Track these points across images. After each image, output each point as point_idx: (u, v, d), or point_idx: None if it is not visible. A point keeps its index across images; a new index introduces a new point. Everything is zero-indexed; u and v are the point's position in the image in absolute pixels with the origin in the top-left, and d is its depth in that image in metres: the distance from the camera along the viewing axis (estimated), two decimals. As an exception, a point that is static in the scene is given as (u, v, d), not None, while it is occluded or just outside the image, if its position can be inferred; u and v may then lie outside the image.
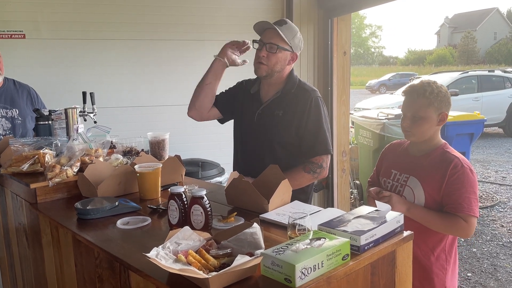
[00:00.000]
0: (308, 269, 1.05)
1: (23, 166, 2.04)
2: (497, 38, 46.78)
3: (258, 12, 4.28)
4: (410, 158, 1.98)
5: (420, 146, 1.96)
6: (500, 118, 11.33)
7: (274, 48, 2.07)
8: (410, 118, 1.90)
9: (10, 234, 2.39)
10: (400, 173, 1.97)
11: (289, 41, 2.07)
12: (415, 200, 1.89)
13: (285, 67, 2.13)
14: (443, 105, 1.88)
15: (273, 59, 2.09)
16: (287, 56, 2.11)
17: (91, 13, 3.83)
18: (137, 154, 2.29)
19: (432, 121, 1.88)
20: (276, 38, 2.06)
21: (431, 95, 1.85)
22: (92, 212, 1.68)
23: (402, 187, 1.95)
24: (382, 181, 2.07)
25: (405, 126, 1.93)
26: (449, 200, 1.82)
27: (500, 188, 6.60)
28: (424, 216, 1.84)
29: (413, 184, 1.91)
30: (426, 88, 1.87)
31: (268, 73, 2.12)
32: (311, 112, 2.09)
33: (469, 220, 1.79)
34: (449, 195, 1.82)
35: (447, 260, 1.92)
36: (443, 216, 1.82)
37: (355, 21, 49.70)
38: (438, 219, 1.83)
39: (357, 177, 5.66)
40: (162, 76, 4.12)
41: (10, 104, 3.06)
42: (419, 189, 1.88)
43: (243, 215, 1.61)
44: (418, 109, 1.87)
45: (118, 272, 1.38)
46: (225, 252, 1.18)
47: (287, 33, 2.07)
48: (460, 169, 1.81)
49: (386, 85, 26.86)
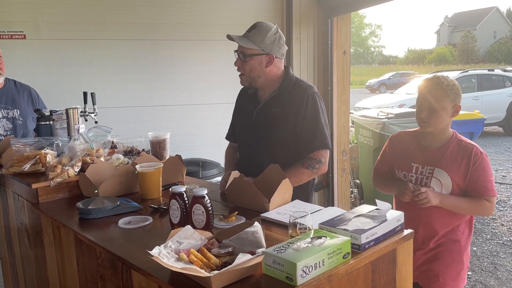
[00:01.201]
0: (309, 267, 1.06)
1: (24, 166, 2.05)
2: (497, 37, 46.76)
3: (258, 12, 4.28)
4: (428, 150, 2.08)
5: (435, 138, 2.07)
6: (500, 117, 11.33)
7: (243, 57, 2.08)
8: (427, 109, 2.00)
9: (12, 234, 2.40)
10: (423, 166, 2.07)
11: (258, 45, 2.05)
12: (442, 190, 2.03)
13: (263, 70, 2.10)
14: (457, 97, 2.00)
15: (246, 67, 2.09)
16: (261, 60, 2.08)
17: (91, 14, 3.83)
18: (138, 154, 2.29)
19: (447, 112, 2.00)
20: (242, 47, 2.08)
21: (448, 87, 1.98)
22: (93, 212, 1.69)
23: (428, 179, 2.05)
24: (401, 174, 2.15)
25: (422, 117, 2.02)
26: (474, 185, 1.99)
27: (500, 187, 6.60)
28: (455, 204, 2.01)
29: (440, 175, 2.02)
30: (443, 80, 2.00)
31: (249, 81, 2.13)
32: (308, 107, 2.08)
33: (492, 200, 2.00)
34: (474, 181, 1.98)
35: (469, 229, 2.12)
36: (471, 200, 2.00)
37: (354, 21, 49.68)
38: (467, 204, 2.01)
39: (357, 177, 5.66)
40: (162, 76, 4.13)
41: (11, 105, 3.07)
42: (447, 179, 2.01)
43: (244, 214, 1.62)
44: (436, 100, 1.98)
45: (120, 271, 1.39)
46: (226, 251, 1.19)
47: (255, 38, 2.05)
48: (480, 156, 1.99)
49: (386, 84, 26.83)
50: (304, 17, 4.36)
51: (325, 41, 4.39)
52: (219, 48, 4.14)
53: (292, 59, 4.32)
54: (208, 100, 4.27)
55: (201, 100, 4.26)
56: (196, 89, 4.24)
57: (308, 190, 2.20)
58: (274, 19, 2.17)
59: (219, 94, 4.24)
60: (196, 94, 4.24)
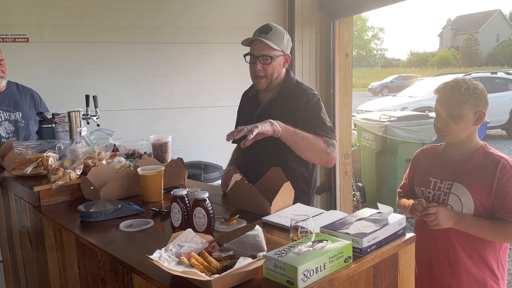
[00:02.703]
0: (311, 271, 1.06)
1: (26, 169, 2.05)
2: (500, 40, 46.69)
3: (260, 15, 4.29)
4: (449, 163, 1.82)
5: (458, 149, 1.81)
6: (503, 120, 11.31)
7: (268, 60, 2.06)
8: (444, 117, 1.77)
9: (13, 237, 2.40)
10: (441, 181, 1.81)
11: (279, 46, 2.06)
12: (463, 209, 1.74)
13: (281, 70, 2.13)
14: (479, 102, 1.74)
15: (269, 70, 2.08)
16: (281, 61, 2.11)
17: (94, 17, 3.84)
18: (139, 156, 2.29)
19: (468, 119, 1.74)
20: (267, 49, 2.05)
21: (467, 92, 1.73)
22: (95, 215, 1.69)
23: (446, 195, 1.78)
24: (419, 191, 1.91)
25: (438, 126, 1.80)
26: (501, 205, 1.67)
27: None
28: (474, 226, 1.71)
29: (459, 191, 1.75)
30: (461, 84, 1.75)
31: (268, 83, 2.12)
32: (309, 105, 2.06)
33: None
34: (501, 199, 1.67)
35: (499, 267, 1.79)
36: (494, 223, 1.69)
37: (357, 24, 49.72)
38: (489, 228, 1.69)
39: (359, 180, 5.66)
40: (164, 79, 4.14)
41: (14, 108, 3.08)
42: (467, 195, 1.73)
43: (246, 217, 1.61)
44: (453, 107, 1.74)
45: (121, 274, 1.39)
46: (227, 255, 1.19)
47: (275, 39, 2.06)
48: (509, 170, 1.68)
49: (388, 87, 26.83)
50: (306, 20, 4.37)
51: (327, 44, 4.39)
52: (221, 51, 4.15)
53: (294, 62, 4.33)
54: (210, 103, 4.27)
55: (203, 103, 4.27)
56: (198, 92, 4.25)
57: (309, 194, 2.20)
58: (276, 22, 2.17)
59: (221, 97, 4.25)
60: (198, 97, 4.25)
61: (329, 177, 4.53)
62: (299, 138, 1.94)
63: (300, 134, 1.94)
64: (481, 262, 1.77)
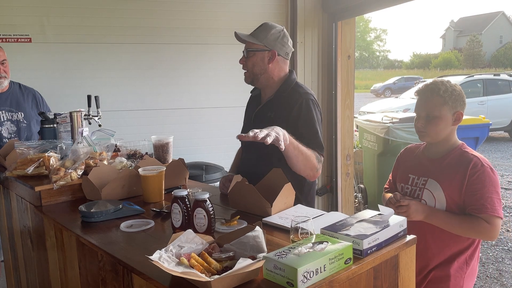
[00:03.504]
0: (310, 272, 1.05)
1: (28, 169, 2.06)
2: (503, 42, 46.63)
3: (263, 16, 4.28)
4: (427, 161, 1.92)
5: (437, 148, 1.90)
6: (505, 122, 11.28)
7: (248, 53, 2.09)
8: (424, 118, 1.85)
9: (14, 237, 2.40)
10: (418, 177, 1.91)
11: (261, 40, 2.06)
12: (436, 203, 1.83)
13: (266, 67, 2.08)
14: (458, 104, 1.83)
15: (249, 63, 2.10)
16: (263, 56, 2.08)
17: (96, 17, 3.85)
18: (141, 157, 2.30)
19: (447, 120, 1.83)
20: (247, 44, 2.10)
21: (445, 94, 1.81)
22: (96, 215, 1.69)
23: (420, 190, 1.89)
24: (399, 187, 2.01)
25: (419, 127, 1.88)
26: (470, 201, 1.75)
27: (506, 193, 6.55)
28: (444, 221, 1.79)
29: (433, 187, 1.85)
30: (440, 86, 1.83)
31: (251, 78, 2.12)
32: (301, 113, 2.01)
33: (492, 221, 1.71)
34: (470, 196, 1.75)
35: (467, 263, 1.86)
36: (464, 218, 1.76)
37: (360, 25, 49.69)
38: (459, 223, 1.77)
39: (361, 181, 5.65)
40: (166, 79, 4.14)
41: (16, 108, 3.08)
42: (439, 191, 1.82)
43: (246, 218, 1.61)
44: (433, 108, 1.82)
45: (121, 274, 1.39)
46: (227, 256, 1.18)
47: (259, 34, 2.07)
48: (480, 168, 1.75)
49: (391, 89, 26.80)
50: (308, 21, 4.37)
51: (329, 45, 4.39)
52: (223, 52, 4.16)
53: (297, 63, 4.33)
54: (212, 103, 4.28)
55: (205, 104, 4.27)
56: (199, 92, 4.25)
57: (310, 195, 2.19)
58: (278, 23, 2.17)
59: (223, 98, 4.25)
60: (199, 97, 4.25)
61: (330, 178, 4.53)
62: (299, 152, 1.89)
63: (300, 149, 1.89)
64: (450, 256, 1.84)
